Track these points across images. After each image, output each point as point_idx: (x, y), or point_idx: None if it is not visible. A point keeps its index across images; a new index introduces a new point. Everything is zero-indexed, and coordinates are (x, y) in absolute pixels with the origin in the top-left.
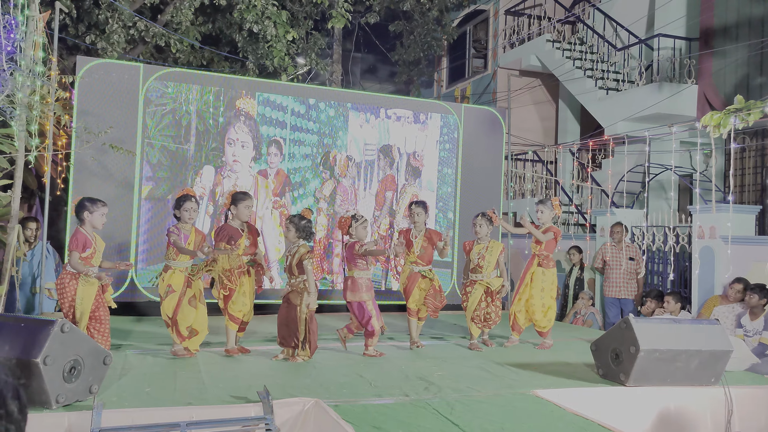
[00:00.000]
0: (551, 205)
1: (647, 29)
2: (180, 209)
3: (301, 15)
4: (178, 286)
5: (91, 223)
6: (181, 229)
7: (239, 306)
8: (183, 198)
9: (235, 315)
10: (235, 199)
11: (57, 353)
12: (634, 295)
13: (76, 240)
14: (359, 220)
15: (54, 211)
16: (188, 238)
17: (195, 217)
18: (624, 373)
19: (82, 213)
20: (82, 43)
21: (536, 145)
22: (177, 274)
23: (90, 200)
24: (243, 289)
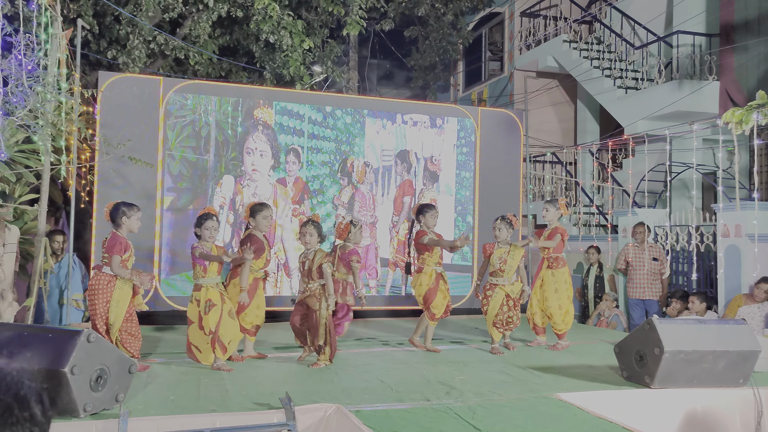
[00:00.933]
0: (557, 205)
1: (666, 26)
2: (201, 227)
3: (316, 24)
4: (218, 300)
5: (128, 227)
6: (203, 246)
7: (251, 318)
8: (204, 216)
9: (245, 327)
10: (253, 211)
11: (84, 363)
12: (659, 296)
13: (118, 244)
14: (357, 226)
15: (79, 223)
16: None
17: (215, 237)
18: (649, 375)
19: (120, 217)
20: (104, 58)
21: (555, 147)
22: (212, 290)
23: (126, 204)
24: (258, 301)
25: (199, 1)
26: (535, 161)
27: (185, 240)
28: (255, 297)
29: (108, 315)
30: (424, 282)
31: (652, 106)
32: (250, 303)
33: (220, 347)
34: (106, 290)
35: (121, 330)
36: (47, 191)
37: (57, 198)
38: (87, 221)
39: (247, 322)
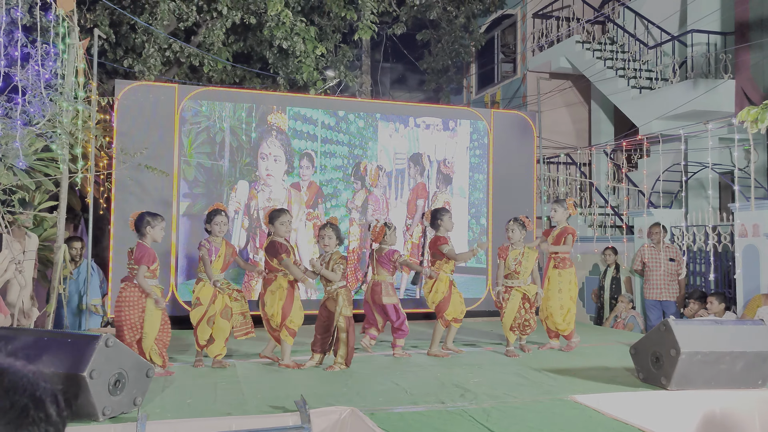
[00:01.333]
0: (566, 205)
1: (680, 25)
2: (210, 223)
3: (329, 29)
4: (205, 300)
5: (153, 236)
6: (212, 242)
7: (297, 320)
8: (213, 212)
9: (292, 328)
10: (271, 217)
11: (102, 367)
12: (676, 296)
13: (146, 254)
14: (391, 228)
15: (97, 230)
16: (218, 250)
17: (225, 231)
18: (665, 376)
19: (145, 227)
20: (120, 66)
21: (569, 148)
22: (206, 287)
23: (151, 214)
24: (298, 303)
25: (213, 9)
26: (549, 163)
27: None
28: (294, 299)
29: (143, 325)
30: (440, 289)
31: (666, 105)
32: (293, 305)
33: (196, 343)
34: (139, 301)
35: (156, 339)
36: (66, 199)
37: (75, 205)
38: (105, 228)
39: (294, 324)
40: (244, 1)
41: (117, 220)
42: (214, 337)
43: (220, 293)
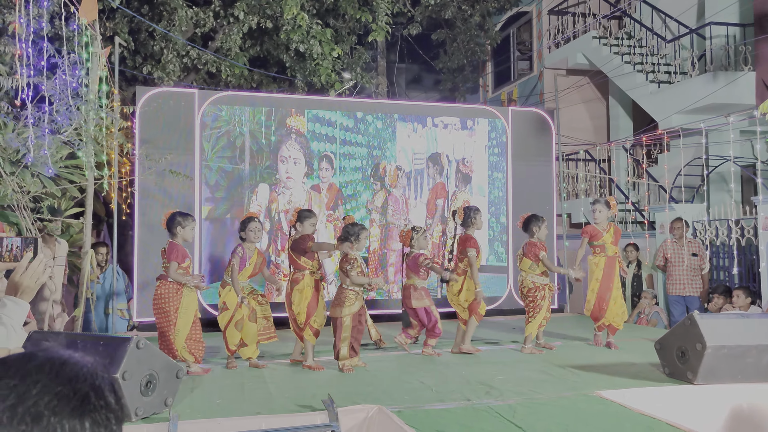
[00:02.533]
0: (608, 204)
1: (698, 18)
2: (246, 230)
3: (344, 31)
4: (231, 305)
5: (183, 236)
6: (246, 249)
7: (320, 319)
8: (248, 219)
9: (315, 327)
10: (301, 216)
11: (134, 369)
12: (700, 291)
13: (176, 251)
14: (419, 231)
15: (120, 235)
16: (251, 258)
17: (260, 237)
18: (691, 371)
19: (175, 227)
20: (139, 73)
21: (588, 144)
22: (232, 291)
23: (182, 214)
24: (323, 302)
25: (230, 14)
26: (568, 159)
27: (224, 248)
28: (320, 298)
29: (177, 322)
30: (471, 288)
31: (686, 99)
32: (318, 305)
33: (226, 347)
34: (175, 298)
35: (187, 337)
36: (92, 205)
37: (99, 211)
38: (128, 233)
39: (318, 323)
40: (261, 6)
41: (140, 225)
42: (245, 341)
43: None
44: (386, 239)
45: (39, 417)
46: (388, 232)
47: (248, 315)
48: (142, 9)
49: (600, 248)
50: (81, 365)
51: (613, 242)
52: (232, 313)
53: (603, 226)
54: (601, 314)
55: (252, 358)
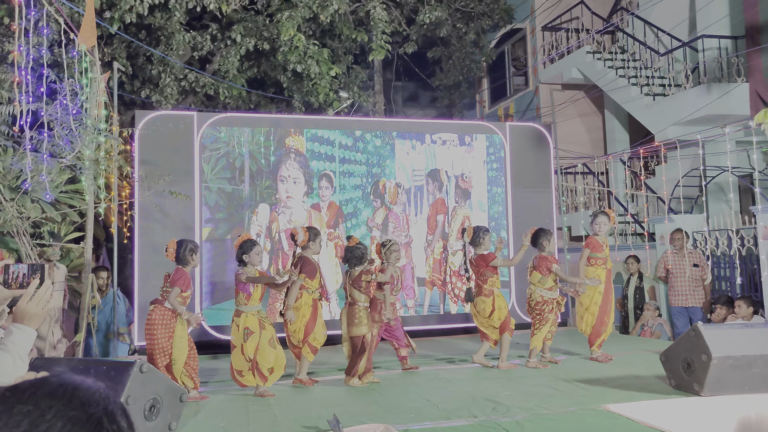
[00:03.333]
0: (608, 216)
1: (690, 31)
2: (250, 254)
3: (341, 51)
4: (255, 328)
5: (194, 264)
6: (249, 273)
7: (319, 337)
8: (250, 243)
9: (314, 345)
10: (314, 233)
11: (138, 393)
12: (702, 302)
13: (183, 279)
14: (387, 245)
15: (120, 258)
16: None
17: (261, 260)
18: (697, 382)
19: (188, 254)
20: (138, 97)
21: (585, 157)
22: (251, 317)
23: (192, 242)
24: (321, 321)
25: (227, 37)
26: (566, 173)
27: (224, 270)
28: (318, 317)
29: (171, 349)
30: (502, 305)
31: (681, 111)
32: (316, 323)
33: (259, 375)
34: (169, 324)
35: (185, 364)
36: (92, 229)
37: (99, 235)
38: (127, 257)
39: (316, 341)
40: (258, 28)
41: (141, 248)
42: (275, 367)
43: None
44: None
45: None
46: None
47: (269, 340)
48: (140, 34)
49: (602, 260)
50: (93, 390)
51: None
52: (259, 335)
53: (602, 239)
54: (603, 328)
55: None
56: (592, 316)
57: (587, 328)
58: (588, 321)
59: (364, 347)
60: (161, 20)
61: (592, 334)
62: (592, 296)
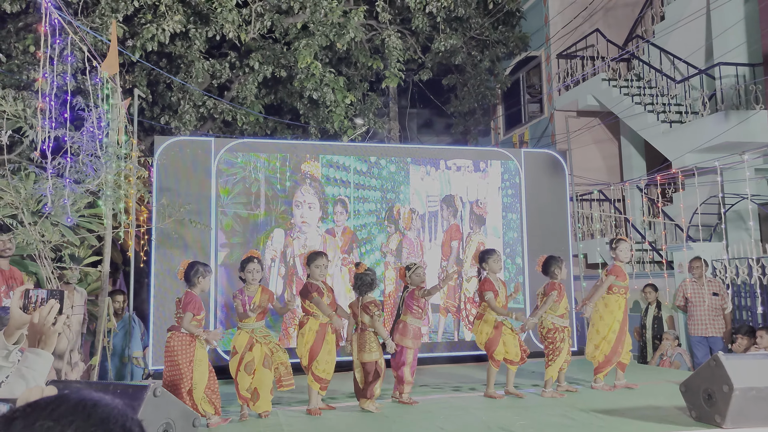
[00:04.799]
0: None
1: (706, 59)
2: (244, 271)
3: (356, 78)
4: (240, 348)
5: (202, 287)
6: (245, 291)
7: (323, 365)
8: (246, 260)
9: (319, 375)
10: (309, 259)
11: (151, 417)
12: (723, 332)
13: (193, 303)
14: (412, 269)
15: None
16: (252, 298)
17: (258, 278)
18: (719, 414)
19: (196, 277)
20: (157, 123)
21: (601, 184)
22: (242, 335)
23: (202, 264)
24: (328, 347)
25: (246, 65)
26: (582, 200)
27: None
28: (324, 343)
29: (192, 375)
30: (484, 330)
31: (699, 138)
32: (321, 349)
33: (238, 395)
34: (188, 350)
35: (205, 388)
36: (109, 253)
37: (117, 259)
38: (143, 281)
39: (320, 370)
40: (275, 56)
41: (157, 272)
42: (258, 391)
43: (258, 342)
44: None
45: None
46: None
47: (262, 361)
48: (161, 62)
49: (624, 289)
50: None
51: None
52: (240, 356)
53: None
54: (615, 358)
55: (267, 412)
56: (608, 343)
57: (600, 355)
58: (603, 349)
59: (378, 373)
60: (181, 48)
61: (604, 362)
62: (611, 325)
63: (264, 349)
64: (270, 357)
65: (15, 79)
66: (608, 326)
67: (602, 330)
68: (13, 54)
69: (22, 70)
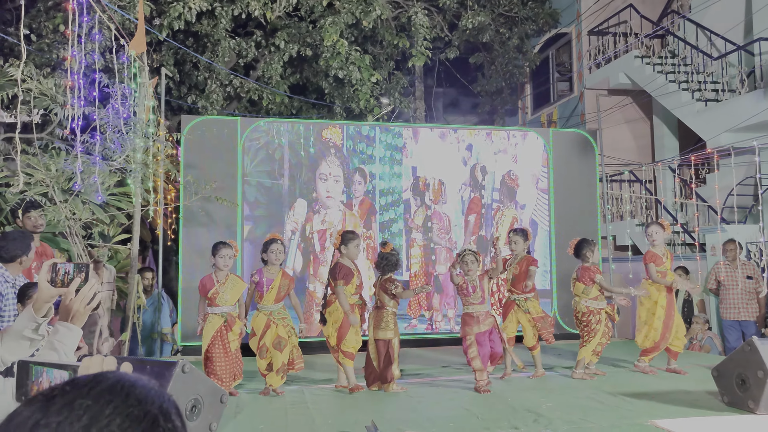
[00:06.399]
0: (662, 226)
1: (745, 34)
2: (267, 252)
3: (382, 57)
4: (258, 329)
5: (217, 265)
6: (265, 273)
7: (352, 343)
8: (269, 241)
9: (349, 351)
10: (344, 238)
11: (179, 393)
12: (756, 316)
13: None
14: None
15: (165, 260)
16: (272, 282)
17: (282, 259)
18: (753, 399)
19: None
20: (184, 103)
21: (632, 165)
22: (260, 317)
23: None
24: (355, 328)
25: (271, 44)
26: (612, 181)
27: None
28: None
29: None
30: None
31: (735, 117)
32: (349, 329)
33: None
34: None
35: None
36: (138, 231)
37: (146, 237)
38: (171, 259)
39: (349, 347)
40: (301, 35)
41: (185, 250)
42: (271, 367)
43: (274, 323)
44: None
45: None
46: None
47: (272, 343)
48: (187, 41)
49: (661, 274)
50: (149, 388)
51: (670, 267)
52: (259, 338)
53: (661, 249)
54: (663, 344)
55: (272, 386)
56: (654, 330)
57: (645, 341)
58: (647, 334)
59: (389, 353)
60: (208, 27)
61: (651, 348)
62: (650, 308)
63: (277, 331)
64: (286, 340)
65: (45, 58)
66: (651, 312)
67: (645, 317)
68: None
69: (52, 49)
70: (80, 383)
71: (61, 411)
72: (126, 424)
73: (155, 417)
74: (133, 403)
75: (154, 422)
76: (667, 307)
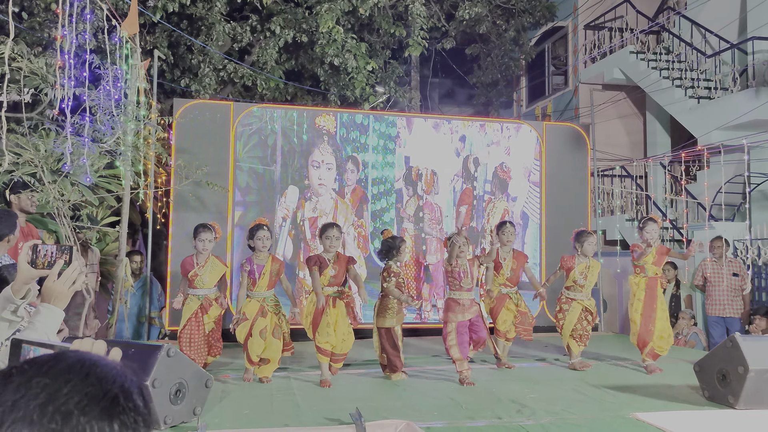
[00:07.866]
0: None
1: (739, 33)
2: (253, 239)
3: (378, 45)
4: (250, 315)
5: (196, 248)
6: (255, 260)
7: (324, 337)
8: (255, 227)
9: (321, 347)
10: (320, 231)
11: (164, 376)
12: (741, 313)
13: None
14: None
15: (154, 244)
16: (262, 268)
17: (268, 246)
18: (732, 395)
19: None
20: (177, 86)
21: (624, 160)
22: (252, 302)
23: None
24: (327, 320)
25: (267, 29)
26: (603, 175)
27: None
28: (324, 316)
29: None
30: (487, 301)
31: (727, 115)
32: (320, 322)
33: (247, 359)
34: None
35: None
36: (127, 214)
37: (135, 220)
38: (162, 242)
39: (322, 342)
40: (296, 21)
41: (175, 234)
42: (269, 358)
43: (269, 311)
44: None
45: (69, 416)
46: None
47: (272, 330)
48: (182, 24)
49: (640, 269)
50: (111, 367)
51: (654, 262)
52: (251, 322)
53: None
54: (648, 337)
55: (268, 378)
56: (635, 324)
57: (632, 337)
58: (632, 330)
59: (394, 341)
60: (203, 10)
61: (638, 343)
62: (633, 304)
63: (275, 319)
64: (278, 327)
65: (36, 37)
66: (632, 307)
67: (629, 312)
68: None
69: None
70: (39, 362)
71: (18, 389)
72: (84, 403)
73: (115, 396)
74: (93, 382)
75: (113, 401)
76: (646, 299)
